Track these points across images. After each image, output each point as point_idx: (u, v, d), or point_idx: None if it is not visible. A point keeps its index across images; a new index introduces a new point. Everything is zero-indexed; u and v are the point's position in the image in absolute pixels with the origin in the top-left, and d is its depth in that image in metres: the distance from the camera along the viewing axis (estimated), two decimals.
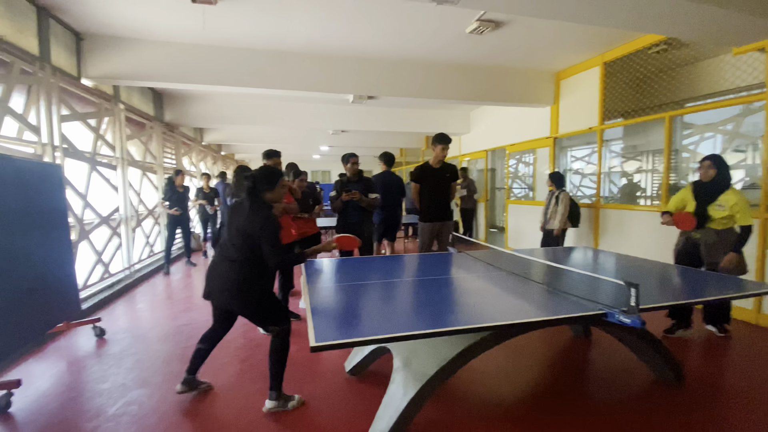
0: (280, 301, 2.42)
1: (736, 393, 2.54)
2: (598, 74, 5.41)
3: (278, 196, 2.38)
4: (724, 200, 3.06)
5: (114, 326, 3.81)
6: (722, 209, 3.07)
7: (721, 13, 3.03)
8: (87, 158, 4.67)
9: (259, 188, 2.29)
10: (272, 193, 2.33)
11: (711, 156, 3.18)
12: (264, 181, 2.30)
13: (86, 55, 4.60)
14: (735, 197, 3.03)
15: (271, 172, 2.36)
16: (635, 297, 1.69)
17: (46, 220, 3.12)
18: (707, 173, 3.16)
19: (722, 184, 3.11)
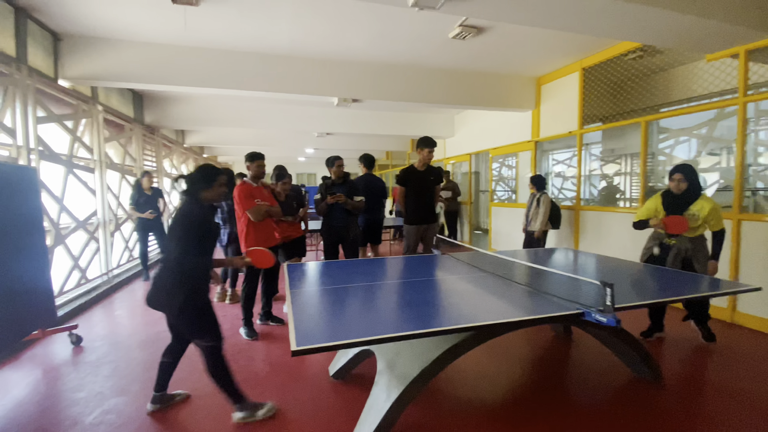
0: (213, 315, 2.26)
1: (713, 389, 2.62)
2: (577, 80, 5.54)
3: (216, 195, 2.31)
4: (697, 209, 3.05)
5: (91, 333, 3.71)
6: (695, 217, 3.06)
7: (693, 21, 3.15)
8: (63, 161, 4.56)
9: (196, 187, 2.24)
10: (209, 192, 2.27)
11: (681, 168, 3.13)
12: (200, 179, 2.25)
13: (64, 56, 4.50)
14: (709, 204, 3.02)
15: (208, 170, 2.29)
16: (610, 296, 1.74)
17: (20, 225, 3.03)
18: (679, 186, 3.12)
19: (693, 194, 3.10)
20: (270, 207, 3.57)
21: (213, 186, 2.28)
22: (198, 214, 2.18)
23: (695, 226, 3.09)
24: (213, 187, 2.28)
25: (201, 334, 2.21)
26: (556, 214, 5.22)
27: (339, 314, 1.99)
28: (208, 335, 2.21)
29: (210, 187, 2.27)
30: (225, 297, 4.71)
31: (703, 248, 3.14)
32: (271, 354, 3.22)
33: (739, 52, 3.73)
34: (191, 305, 2.17)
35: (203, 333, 2.21)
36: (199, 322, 2.21)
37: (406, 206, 4.36)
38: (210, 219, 2.29)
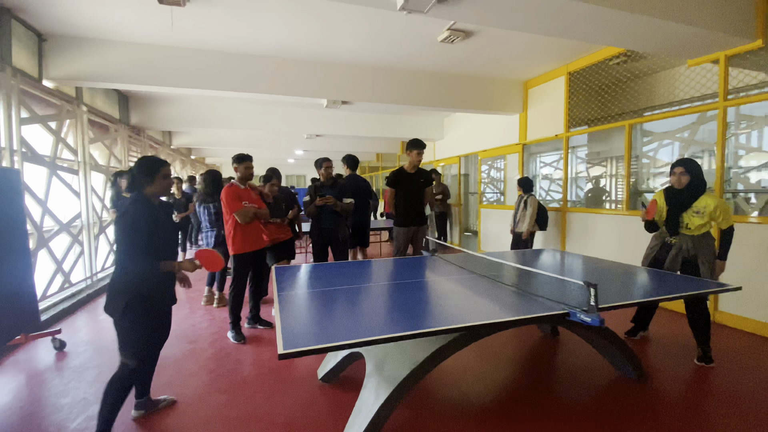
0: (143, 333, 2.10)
1: (696, 387, 2.68)
2: (564, 83, 5.62)
3: (160, 189, 2.18)
4: (701, 206, 2.90)
5: (75, 338, 3.65)
6: (700, 215, 2.90)
7: (675, 28, 3.23)
8: (47, 162, 4.47)
9: (137, 183, 2.12)
10: (152, 186, 2.15)
11: (683, 161, 2.98)
12: (141, 174, 2.12)
13: (48, 56, 4.43)
14: (714, 201, 2.87)
15: (148, 163, 2.15)
16: (594, 296, 1.77)
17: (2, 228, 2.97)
18: (680, 180, 2.96)
19: (697, 189, 2.93)
20: (258, 209, 3.55)
21: (155, 179, 2.14)
22: (140, 212, 2.04)
23: (697, 224, 2.93)
24: (155, 180, 2.15)
25: (126, 348, 2.07)
26: (543, 216, 5.29)
27: (327, 317, 2.00)
28: (131, 353, 2.07)
29: (152, 182, 2.14)
30: (212, 300, 4.67)
31: (708, 247, 2.95)
32: (259, 357, 3.20)
33: (720, 58, 3.83)
34: (131, 314, 2.04)
35: (128, 348, 2.07)
36: (131, 334, 2.07)
37: (396, 208, 4.38)
38: (158, 216, 2.13)
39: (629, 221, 4.64)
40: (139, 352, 2.10)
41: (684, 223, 3.01)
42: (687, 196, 2.96)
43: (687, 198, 2.96)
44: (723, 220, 2.88)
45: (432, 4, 2.77)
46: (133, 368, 2.08)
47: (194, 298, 4.94)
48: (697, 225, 2.94)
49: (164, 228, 2.17)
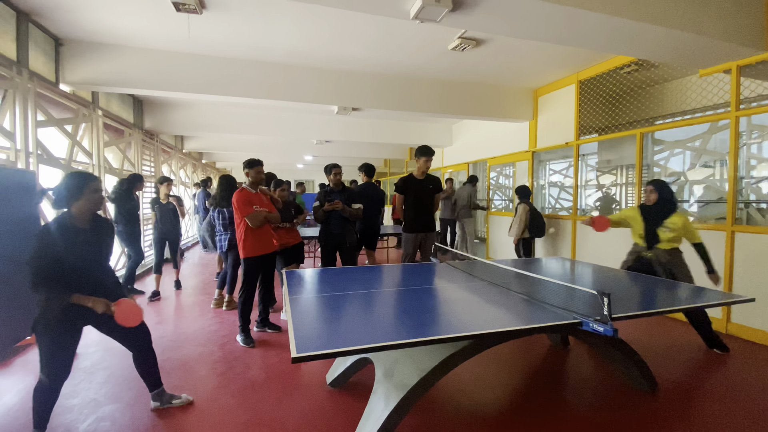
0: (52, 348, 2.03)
1: (709, 401, 2.63)
2: (574, 92, 5.61)
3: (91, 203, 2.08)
4: (671, 223, 3.26)
5: (85, 339, 3.63)
6: (669, 231, 3.26)
7: (687, 37, 3.22)
8: (62, 165, 4.55)
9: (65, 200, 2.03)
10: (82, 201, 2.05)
11: (653, 181, 3.41)
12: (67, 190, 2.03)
13: (65, 61, 4.52)
14: (681, 220, 3.24)
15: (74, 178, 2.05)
16: (607, 306, 1.75)
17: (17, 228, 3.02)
18: (649, 197, 3.39)
19: (670, 208, 3.31)
20: (268, 213, 3.57)
21: (84, 194, 2.04)
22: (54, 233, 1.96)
23: (667, 239, 3.28)
24: (84, 195, 2.04)
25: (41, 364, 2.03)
26: (536, 223, 5.45)
27: (337, 321, 2.00)
28: (45, 369, 2.03)
29: (80, 196, 2.03)
30: (222, 303, 4.69)
31: (681, 259, 3.32)
32: (268, 361, 3.20)
33: (732, 68, 3.80)
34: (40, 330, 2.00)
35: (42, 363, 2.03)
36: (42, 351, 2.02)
37: (405, 214, 4.38)
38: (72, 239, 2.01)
39: None
40: (51, 370, 2.04)
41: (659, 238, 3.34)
42: (661, 212, 3.33)
43: (659, 215, 3.33)
44: (690, 235, 3.25)
45: (445, 14, 2.80)
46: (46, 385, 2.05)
47: (204, 301, 4.97)
48: (667, 239, 3.28)
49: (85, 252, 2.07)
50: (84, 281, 2.05)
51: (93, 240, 2.12)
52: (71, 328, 2.08)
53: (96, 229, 2.16)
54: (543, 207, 7.04)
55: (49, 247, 1.93)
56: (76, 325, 2.11)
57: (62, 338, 2.05)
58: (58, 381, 2.08)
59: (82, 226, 2.09)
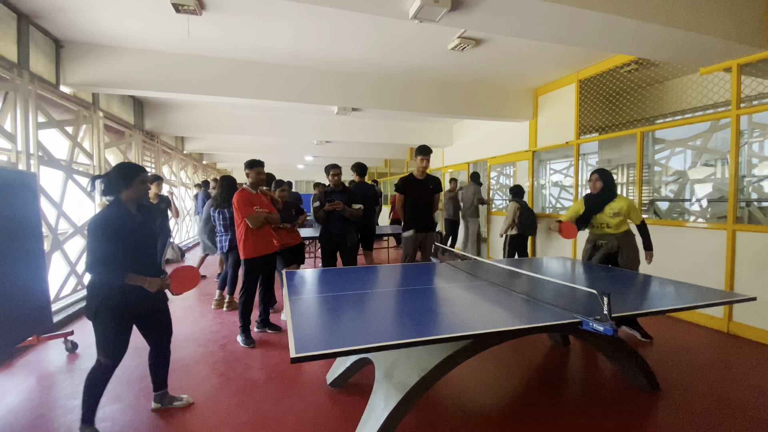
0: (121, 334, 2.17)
1: (710, 400, 2.62)
2: (574, 91, 5.61)
3: (137, 194, 2.19)
4: (617, 208, 3.45)
5: (87, 340, 3.68)
6: (617, 216, 3.45)
7: (687, 36, 3.21)
8: (63, 166, 4.56)
9: (114, 187, 2.13)
10: (129, 191, 2.15)
11: (598, 170, 3.59)
12: (118, 178, 2.13)
13: (66, 62, 4.53)
14: (626, 202, 3.45)
15: (126, 168, 2.17)
16: (607, 305, 1.75)
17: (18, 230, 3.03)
18: (595, 186, 3.56)
19: (609, 194, 3.51)
20: (269, 214, 3.57)
21: (133, 184, 2.15)
22: (113, 218, 2.07)
23: (616, 224, 3.49)
24: (133, 185, 2.15)
25: (100, 347, 2.14)
26: (526, 222, 5.58)
27: (337, 322, 2.00)
28: (100, 349, 2.14)
29: (130, 186, 2.15)
30: (222, 304, 4.70)
31: (630, 242, 3.53)
32: (269, 362, 3.20)
33: (732, 66, 3.79)
34: (101, 318, 2.10)
35: (101, 347, 2.14)
36: (103, 336, 2.13)
37: (405, 214, 4.38)
38: (129, 224, 2.13)
39: None
40: (111, 352, 2.16)
41: (605, 224, 3.55)
42: (601, 200, 3.53)
43: (601, 201, 3.53)
44: (634, 216, 3.47)
45: (444, 13, 2.79)
46: (107, 365, 2.15)
47: (205, 301, 4.98)
48: (616, 224, 3.49)
49: (140, 235, 2.18)
50: (138, 263, 2.16)
51: (145, 224, 2.24)
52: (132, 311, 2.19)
53: (144, 214, 2.29)
54: (544, 206, 7.04)
55: (109, 229, 2.03)
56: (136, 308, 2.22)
57: (125, 320, 2.17)
58: (117, 361, 2.18)
59: (134, 212, 2.22)
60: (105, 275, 2.04)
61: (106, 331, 2.13)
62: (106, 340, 2.14)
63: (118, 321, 2.14)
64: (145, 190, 2.23)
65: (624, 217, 3.48)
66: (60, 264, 4.48)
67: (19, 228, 3.06)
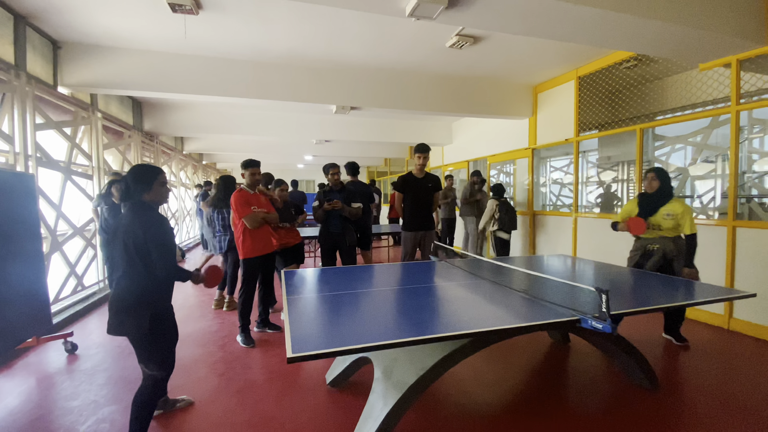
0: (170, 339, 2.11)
1: (709, 397, 2.61)
2: (573, 88, 5.59)
3: (157, 197, 2.09)
4: (670, 209, 3.22)
5: (86, 341, 3.69)
6: (671, 218, 3.21)
7: (686, 32, 3.20)
8: (61, 167, 4.56)
9: (134, 191, 2.02)
10: (150, 193, 2.05)
11: (654, 168, 3.35)
12: (137, 181, 2.02)
13: (63, 63, 4.53)
14: (681, 207, 3.20)
15: (146, 170, 2.08)
16: (606, 303, 1.74)
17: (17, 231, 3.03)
18: (651, 185, 3.33)
19: (665, 194, 3.27)
20: (266, 214, 3.57)
21: (153, 186, 2.06)
22: (160, 219, 2.04)
23: (671, 227, 3.24)
24: (153, 187, 2.06)
25: (152, 361, 2.02)
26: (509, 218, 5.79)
27: (336, 321, 1.99)
28: (156, 363, 2.03)
29: (150, 189, 2.05)
30: (222, 304, 4.69)
31: (683, 248, 3.26)
32: (268, 362, 3.20)
33: (732, 62, 3.78)
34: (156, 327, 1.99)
35: (154, 361, 2.03)
36: (156, 347, 2.03)
37: (404, 213, 4.37)
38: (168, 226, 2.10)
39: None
40: (166, 361, 2.08)
41: (658, 225, 3.30)
42: (656, 200, 3.30)
43: (656, 202, 3.29)
44: (687, 225, 3.18)
45: (440, 11, 2.78)
46: (162, 378, 2.07)
47: (205, 302, 4.98)
48: (671, 227, 3.24)
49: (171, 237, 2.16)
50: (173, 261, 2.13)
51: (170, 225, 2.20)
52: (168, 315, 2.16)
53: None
54: (544, 204, 7.02)
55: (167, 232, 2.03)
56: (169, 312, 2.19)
57: (171, 330, 2.14)
58: (171, 369, 2.13)
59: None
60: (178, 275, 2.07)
61: (160, 342, 2.03)
62: (162, 352, 2.04)
63: (167, 328, 2.07)
64: (166, 192, 2.15)
65: (677, 222, 3.21)
66: (59, 265, 4.48)
67: (18, 229, 3.05)
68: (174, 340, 2.19)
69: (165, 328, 2.08)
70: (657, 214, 3.27)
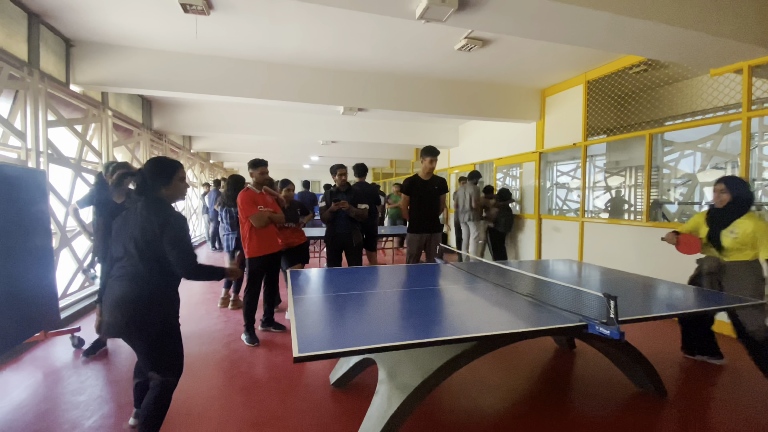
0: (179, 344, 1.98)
1: (718, 405, 2.58)
2: (582, 92, 5.56)
3: (176, 192, 1.98)
4: (737, 225, 2.64)
5: (93, 336, 3.70)
6: (733, 236, 2.64)
7: (697, 37, 3.17)
8: (72, 164, 4.61)
9: (151, 184, 1.90)
10: (168, 189, 1.94)
11: (724, 178, 2.76)
12: (156, 175, 1.91)
13: (75, 62, 4.58)
14: (753, 224, 2.57)
15: (165, 164, 1.96)
16: (614, 309, 1.73)
17: (27, 226, 3.06)
18: (720, 198, 2.74)
19: (738, 208, 2.68)
20: (272, 213, 3.58)
21: (172, 182, 1.94)
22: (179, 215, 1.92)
23: (730, 244, 2.68)
24: (172, 182, 1.94)
25: (165, 366, 1.91)
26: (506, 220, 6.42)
27: (341, 322, 1.99)
28: (171, 369, 1.93)
29: (169, 184, 1.93)
30: (228, 303, 4.72)
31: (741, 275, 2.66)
32: (272, 361, 3.21)
33: (743, 68, 3.74)
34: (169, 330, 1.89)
35: (167, 365, 1.92)
36: (170, 350, 1.93)
37: (410, 215, 4.37)
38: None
39: (649, 233, 4.54)
40: (177, 367, 1.97)
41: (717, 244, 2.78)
42: (726, 215, 2.73)
43: (725, 218, 2.72)
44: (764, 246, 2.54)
45: (450, 13, 2.78)
46: (174, 383, 1.95)
47: (210, 300, 5.00)
48: (729, 247, 2.68)
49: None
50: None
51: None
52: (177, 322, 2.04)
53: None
54: (550, 208, 6.99)
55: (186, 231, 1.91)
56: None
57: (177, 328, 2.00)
58: (181, 373, 2.02)
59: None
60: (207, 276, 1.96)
61: (172, 345, 1.94)
62: (173, 356, 1.94)
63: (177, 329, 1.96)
64: (185, 188, 2.02)
65: (743, 244, 2.63)
66: (68, 261, 4.52)
67: (29, 225, 3.09)
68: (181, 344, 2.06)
69: (176, 330, 1.97)
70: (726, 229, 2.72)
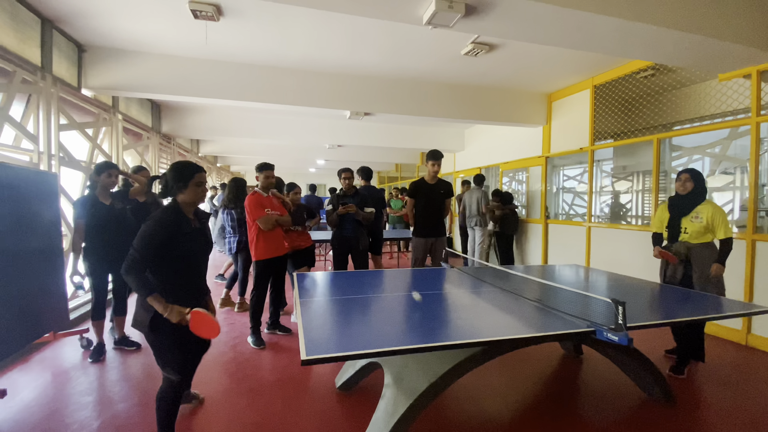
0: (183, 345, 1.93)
1: (726, 412, 2.55)
2: (589, 96, 5.55)
3: (193, 197, 1.96)
4: (701, 211, 3.01)
5: None
6: (699, 221, 3.00)
7: (705, 42, 3.16)
8: (83, 167, 4.67)
9: (170, 189, 1.94)
10: (185, 193, 1.94)
11: (689, 169, 3.15)
12: (176, 178, 1.93)
13: (87, 66, 4.66)
14: (711, 207, 2.99)
15: (183, 167, 1.95)
16: (622, 315, 1.72)
17: (38, 228, 3.10)
18: (685, 186, 3.10)
19: (699, 195, 3.06)
20: (279, 216, 3.61)
21: (189, 186, 1.94)
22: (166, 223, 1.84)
23: (698, 230, 3.01)
24: (189, 187, 1.94)
25: (164, 363, 1.94)
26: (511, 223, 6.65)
27: (348, 325, 2.00)
28: (171, 367, 1.94)
29: (185, 188, 1.93)
30: (228, 303, 4.74)
31: (705, 257, 2.99)
32: (278, 364, 3.22)
33: (752, 73, 3.72)
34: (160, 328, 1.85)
35: (166, 363, 1.94)
36: (165, 349, 1.92)
37: (415, 219, 4.38)
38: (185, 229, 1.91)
39: None
40: (179, 365, 1.95)
41: (683, 228, 3.11)
42: (689, 202, 3.10)
43: (689, 204, 3.10)
44: (720, 229, 2.95)
45: (457, 19, 2.80)
46: (178, 382, 1.96)
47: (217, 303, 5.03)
48: (695, 231, 3.03)
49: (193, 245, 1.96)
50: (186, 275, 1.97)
51: (201, 231, 2.04)
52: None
53: (202, 220, 2.09)
54: (557, 213, 6.96)
55: (158, 237, 1.81)
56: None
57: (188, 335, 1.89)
58: (188, 375, 2.03)
59: (190, 216, 2.00)
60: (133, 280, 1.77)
61: (168, 343, 1.90)
62: (171, 353, 1.92)
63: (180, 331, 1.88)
64: (202, 193, 2.00)
65: (706, 226, 2.98)
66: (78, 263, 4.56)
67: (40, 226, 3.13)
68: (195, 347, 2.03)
69: (176, 331, 1.87)
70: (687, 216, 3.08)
